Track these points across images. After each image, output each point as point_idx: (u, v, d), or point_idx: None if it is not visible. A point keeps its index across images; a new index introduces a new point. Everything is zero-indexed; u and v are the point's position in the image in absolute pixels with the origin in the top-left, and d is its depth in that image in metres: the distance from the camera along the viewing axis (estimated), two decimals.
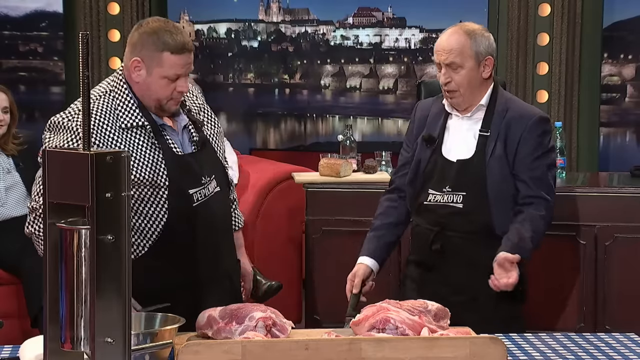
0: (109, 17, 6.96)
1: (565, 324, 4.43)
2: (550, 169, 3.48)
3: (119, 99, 3.06)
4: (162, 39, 3.00)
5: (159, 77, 3.02)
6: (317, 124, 7.06)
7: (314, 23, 7.17)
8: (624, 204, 4.53)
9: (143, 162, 3.03)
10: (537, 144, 3.43)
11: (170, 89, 3.04)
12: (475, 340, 2.50)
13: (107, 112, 3.03)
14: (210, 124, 3.25)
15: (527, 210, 3.40)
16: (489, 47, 3.50)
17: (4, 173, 5.05)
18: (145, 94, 3.06)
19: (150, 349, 2.56)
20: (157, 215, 3.07)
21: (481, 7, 6.82)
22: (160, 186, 3.05)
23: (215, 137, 3.23)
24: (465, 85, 3.44)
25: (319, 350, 2.44)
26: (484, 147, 3.43)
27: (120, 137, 3.02)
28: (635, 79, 6.73)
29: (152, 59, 3.01)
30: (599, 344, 2.89)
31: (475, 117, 3.49)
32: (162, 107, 3.08)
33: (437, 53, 3.47)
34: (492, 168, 3.41)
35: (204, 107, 3.28)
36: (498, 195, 3.41)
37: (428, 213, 3.49)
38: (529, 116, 3.46)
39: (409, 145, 3.61)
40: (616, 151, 6.82)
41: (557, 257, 4.53)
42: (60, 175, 2.13)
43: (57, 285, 2.17)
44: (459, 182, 3.44)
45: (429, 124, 3.55)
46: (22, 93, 7.02)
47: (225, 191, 3.22)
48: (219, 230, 3.19)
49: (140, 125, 3.05)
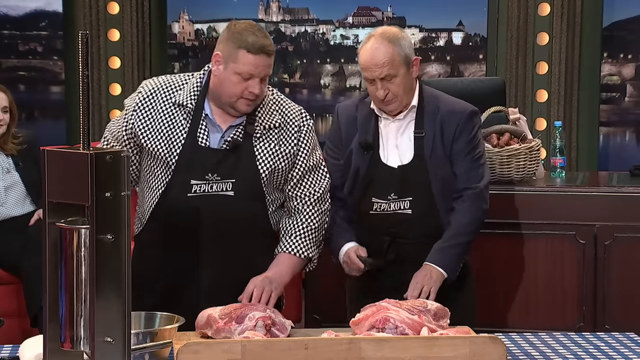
0: (109, 16, 6.96)
1: (565, 324, 4.43)
2: (479, 157, 3.46)
3: (191, 80, 3.24)
4: (243, 37, 3.13)
5: (232, 73, 3.14)
6: (317, 124, 7.07)
7: (314, 22, 7.17)
8: (624, 203, 4.52)
9: (165, 137, 3.18)
10: (470, 138, 3.43)
11: (241, 87, 3.14)
12: (475, 339, 2.50)
13: (169, 87, 3.23)
14: (281, 140, 3.22)
15: (456, 207, 3.40)
16: (412, 47, 3.45)
17: (4, 173, 5.05)
18: (218, 89, 3.19)
19: (149, 348, 2.56)
20: (157, 190, 3.19)
21: (481, 7, 6.82)
22: (168, 164, 3.17)
23: (269, 151, 3.20)
24: (402, 92, 3.39)
25: (318, 349, 2.44)
26: (422, 149, 3.40)
27: (165, 110, 3.20)
28: (635, 78, 6.73)
29: (229, 54, 3.14)
30: (598, 343, 2.89)
31: (407, 118, 3.45)
32: (233, 105, 3.18)
33: (366, 70, 3.38)
34: (434, 168, 3.39)
35: (288, 125, 3.23)
36: (443, 194, 3.40)
37: (376, 223, 3.42)
38: (460, 111, 3.45)
39: (335, 150, 3.53)
40: (616, 151, 6.82)
41: (556, 256, 4.53)
42: (60, 174, 2.13)
43: (57, 284, 2.17)
44: (404, 188, 3.39)
45: (361, 128, 3.47)
46: (22, 92, 7.01)
47: (243, 200, 3.18)
48: (215, 231, 3.17)
49: (185, 104, 3.19)
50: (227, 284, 3.16)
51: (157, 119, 3.19)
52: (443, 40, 7.01)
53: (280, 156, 3.21)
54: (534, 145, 4.58)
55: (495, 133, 4.53)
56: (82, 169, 2.08)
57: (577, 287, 4.52)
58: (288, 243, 3.27)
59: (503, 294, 4.55)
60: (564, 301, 4.52)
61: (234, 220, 3.18)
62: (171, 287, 3.20)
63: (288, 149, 3.23)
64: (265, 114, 3.23)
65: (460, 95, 3.63)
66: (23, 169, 5.06)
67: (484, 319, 3.51)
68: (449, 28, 7.02)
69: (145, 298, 3.03)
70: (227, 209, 3.17)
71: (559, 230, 4.51)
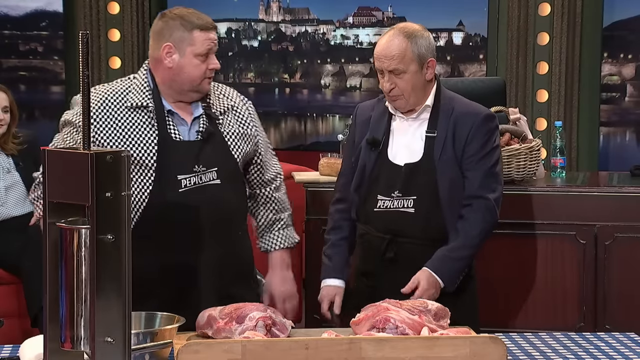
0: (109, 16, 6.96)
1: (565, 324, 4.43)
2: (495, 165, 3.40)
3: (135, 82, 3.23)
4: (189, 20, 3.19)
5: (192, 56, 3.17)
6: (317, 124, 7.06)
7: (314, 22, 7.17)
8: (624, 203, 4.52)
9: (135, 140, 3.15)
10: (484, 142, 3.36)
11: (203, 67, 3.19)
12: (475, 339, 2.50)
13: (118, 92, 3.20)
14: (239, 122, 3.31)
15: (465, 216, 3.33)
16: (430, 48, 3.37)
17: (4, 172, 5.05)
18: (177, 78, 3.19)
19: (150, 348, 2.56)
20: (140, 194, 3.16)
21: (481, 7, 6.82)
22: (147, 166, 3.15)
23: (235, 135, 3.28)
24: (409, 89, 3.35)
25: (318, 349, 2.44)
26: (432, 149, 3.35)
27: (123, 115, 3.17)
28: (635, 78, 6.73)
29: (182, 40, 3.17)
30: (599, 343, 2.89)
31: (421, 118, 3.40)
32: (197, 88, 3.21)
33: (377, 60, 3.36)
34: (443, 170, 3.33)
35: (237, 107, 3.34)
36: (450, 197, 3.33)
37: (378, 220, 3.39)
38: (475, 114, 3.38)
39: (350, 150, 3.52)
40: (616, 150, 6.82)
41: (557, 256, 4.53)
42: (61, 174, 2.13)
43: (57, 284, 2.17)
44: (408, 186, 3.34)
45: (372, 126, 3.45)
46: (22, 92, 7.01)
47: (228, 186, 3.24)
48: (211, 221, 3.19)
49: (144, 106, 3.18)
50: (225, 274, 3.22)
51: (118, 125, 3.16)
52: (443, 40, 7.01)
53: (246, 138, 3.31)
54: (534, 145, 4.58)
55: None
56: (82, 169, 2.08)
57: (578, 287, 4.52)
58: (278, 236, 3.44)
59: (503, 294, 4.55)
60: (565, 301, 4.52)
61: (225, 208, 3.23)
62: (173, 288, 3.19)
63: (247, 129, 3.32)
64: (214, 99, 3.30)
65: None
66: (23, 168, 5.06)
67: (484, 319, 3.50)
68: (449, 28, 7.02)
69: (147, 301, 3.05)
70: (218, 197, 3.21)
71: (559, 231, 4.51)
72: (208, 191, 3.19)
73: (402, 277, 3.32)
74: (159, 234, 3.17)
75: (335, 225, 3.49)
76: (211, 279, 3.21)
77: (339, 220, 3.49)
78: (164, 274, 3.18)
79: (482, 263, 4.14)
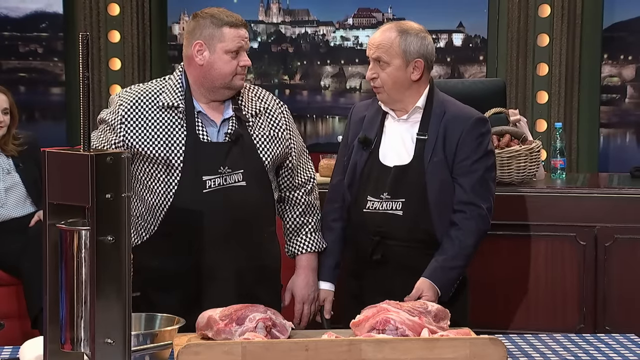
0: (109, 17, 6.96)
1: (565, 325, 4.43)
2: (489, 172, 3.37)
3: (169, 82, 3.27)
4: (219, 17, 3.22)
5: (223, 53, 3.21)
6: (317, 125, 7.06)
7: (314, 24, 7.17)
8: (624, 205, 4.52)
9: (164, 140, 3.19)
10: (475, 147, 3.33)
11: (234, 64, 3.22)
12: (475, 341, 2.50)
13: (151, 92, 3.25)
14: (271, 125, 3.32)
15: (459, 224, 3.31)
16: (422, 49, 3.35)
17: (4, 174, 5.05)
18: (209, 75, 3.22)
19: (150, 349, 2.56)
20: (165, 194, 3.19)
21: (481, 8, 6.82)
22: (174, 166, 3.18)
23: (265, 138, 3.29)
24: (390, 84, 3.34)
25: (319, 351, 2.44)
26: (422, 152, 3.33)
27: (154, 115, 3.22)
28: (635, 79, 6.74)
29: (212, 37, 3.21)
30: (599, 344, 2.89)
31: (412, 119, 3.39)
32: (228, 85, 3.24)
33: (367, 47, 3.40)
34: (432, 173, 3.31)
35: (271, 109, 3.36)
36: (439, 200, 3.31)
37: (367, 221, 3.37)
38: (466, 118, 3.36)
39: (344, 150, 3.51)
40: (616, 152, 6.82)
41: (557, 258, 4.53)
42: (61, 176, 2.14)
43: (57, 286, 2.17)
44: (397, 189, 3.33)
45: (366, 126, 3.45)
46: (22, 94, 7.01)
47: (254, 188, 3.25)
48: (233, 222, 3.20)
49: (175, 106, 3.22)
50: (247, 276, 3.24)
51: (149, 125, 3.20)
52: (443, 41, 7.01)
53: (276, 141, 3.31)
54: (534, 147, 4.58)
55: (496, 134, 4.53)
56: (82, 171, 2.09)
57: (578, 288, 4.52)
58: (305, 240, 3.42)
59: (503, 296, 4.55)
60: (565, 302, 4.52)
61: (248, 210, 3.24)
62: (193, 287, 3.20)
63: (279, 133, 3.33)
64: (246, 101, 3.31)
65: (460, 97, 3.58)
66: (23, 170, 5.06)
67: (484, 321, 3.51)
68: (449, 29, 7.02)
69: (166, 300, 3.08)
70: (242, 199, 3.22)
71: (559, 232, 4.51)
72: (232, 192, 3.20)
73: (389, 279, 3.34)
74: (181, 233, 3.20)
75: (326, 226, 3.49)
76: (232, 280, 3.22)
77: (330, 221, 3.49)
78: (185, 273, 3.20)
79: (482, 264, 4.15)
